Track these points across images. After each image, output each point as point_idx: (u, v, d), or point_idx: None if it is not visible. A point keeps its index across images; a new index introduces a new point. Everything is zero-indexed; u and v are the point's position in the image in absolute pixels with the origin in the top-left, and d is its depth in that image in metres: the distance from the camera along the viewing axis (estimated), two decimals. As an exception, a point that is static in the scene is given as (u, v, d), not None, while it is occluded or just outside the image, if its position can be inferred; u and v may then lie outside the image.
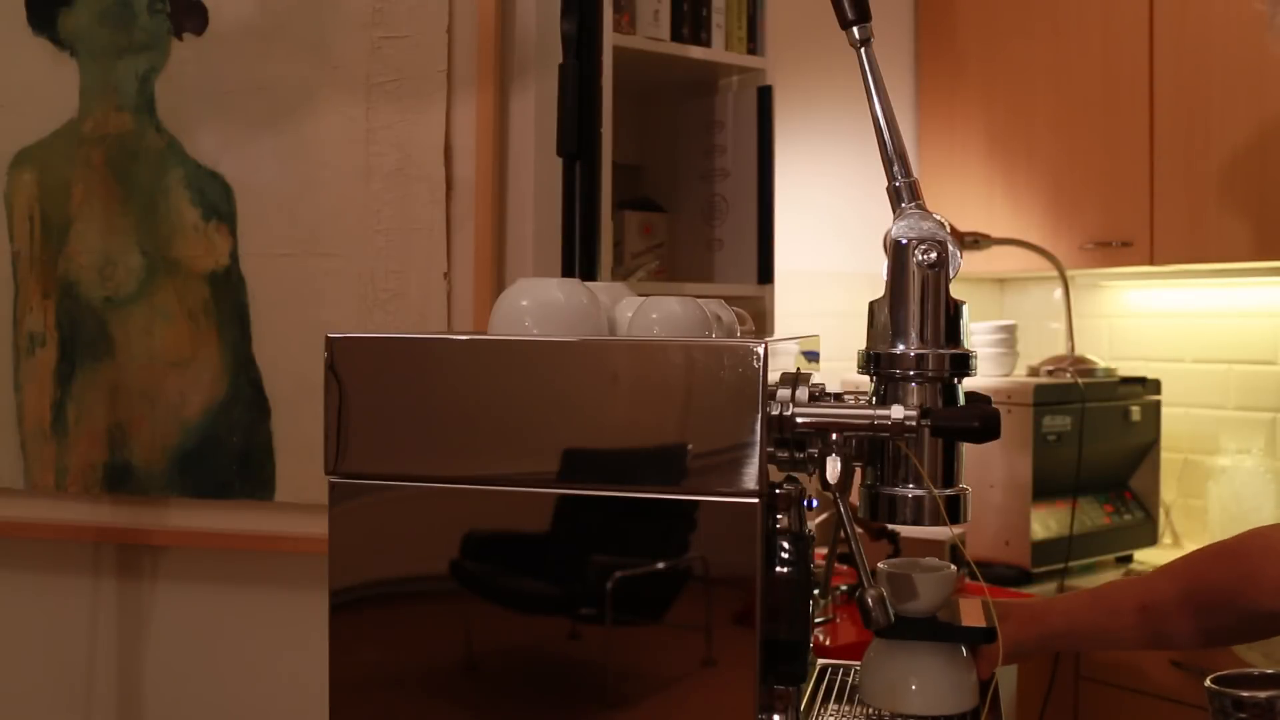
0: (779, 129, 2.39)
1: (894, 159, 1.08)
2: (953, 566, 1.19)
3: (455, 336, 1.07)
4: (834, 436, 1.01)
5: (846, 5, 1.10)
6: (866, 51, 1.10)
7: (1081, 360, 2.83)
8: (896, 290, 1.05)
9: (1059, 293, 2.94)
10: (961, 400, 1.07)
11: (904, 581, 1.16)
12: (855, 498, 1.08)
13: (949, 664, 1.16)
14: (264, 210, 1.85)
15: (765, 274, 2.35)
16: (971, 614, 1.20)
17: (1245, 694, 1.09)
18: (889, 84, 1.10)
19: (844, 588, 2.27)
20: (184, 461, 1.86)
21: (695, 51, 2.28)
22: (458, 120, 1.82)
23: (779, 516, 1.01)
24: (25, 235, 1.91)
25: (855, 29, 1.10)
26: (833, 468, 1.01)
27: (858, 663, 1.24)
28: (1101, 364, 2.84)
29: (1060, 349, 2.95)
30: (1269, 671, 1.12)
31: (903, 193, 1.07)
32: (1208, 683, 1.12)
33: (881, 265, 1.07)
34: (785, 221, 2.47)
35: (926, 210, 1.06)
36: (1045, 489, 2.58)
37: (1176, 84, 2.64)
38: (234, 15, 1.85)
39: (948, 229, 1.06)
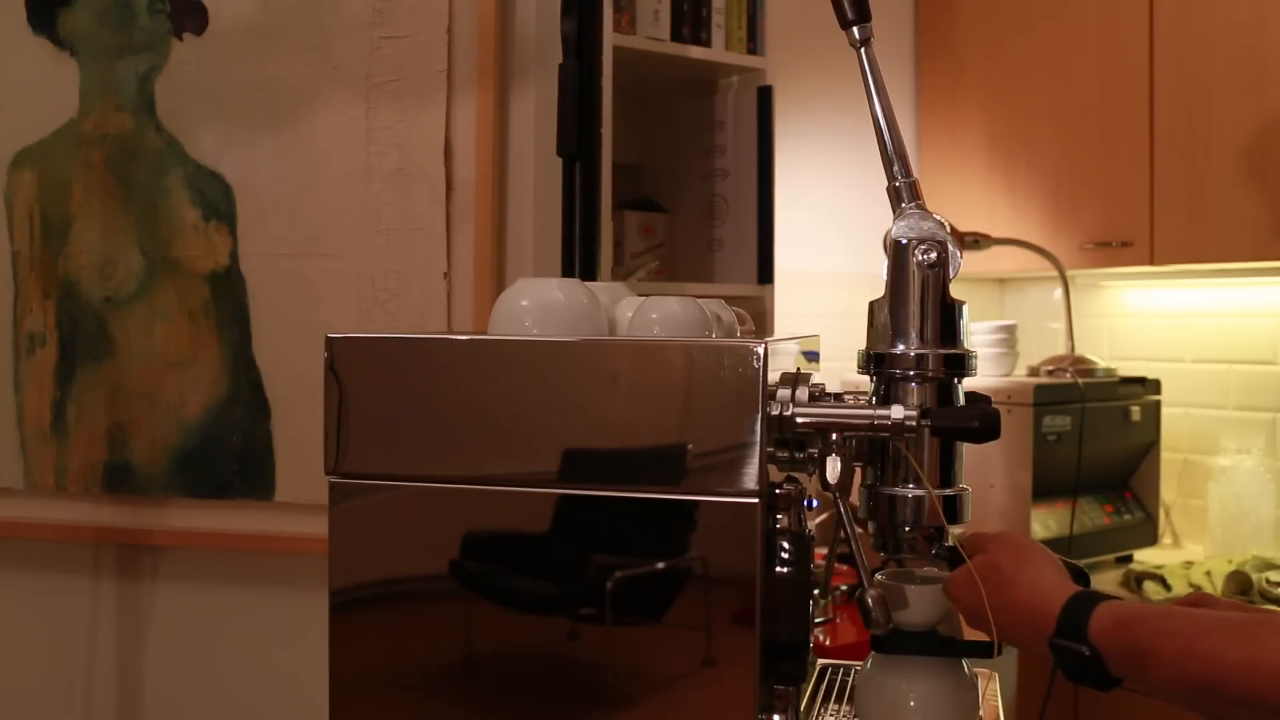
0: (779, 129, 2.39)
1: (894, 159, 1.08)
2: None
3: (455, 336, 1.07)
4: (834, 436, 1.01)
5: (846, 5, 1.10)
6: (866, 51, 1.10)
7: (1081, 360, 2.83)
8: (896, 290, 1.05)
9: (1059, 293, 2.94)
10: (961, 400, 1.07)
11: (901, 594, 1.09)
12: (855, 498, 1.08)
13: (950, 680, 1.09)
14: (264, 210, 1.85)
15: (765, 274, 2.35)
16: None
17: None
18: (889, 84, 1.10)
19: (844, 588, 2.27)
20: (184, 461, 1.86)
21: (695, 51, 2.28)
22: (458, 120, 1.82)
23: (779, 516, 1.01)
24: (25, 235, 1.91)
25: (855, 29, 1.10)
26: (833, 468, 1.01)
27: (858, 663, 1.22)
28: (1101, 364, 2.84)
29: (1060, 349, 2.94)
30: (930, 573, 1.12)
31: (903, 193, 1.07)
32: (878, 576, 1.11)
33: (881, 265, 1.07)
34: (785, 221, 2.47)
35: (926, 210, 1.06)
36: (1045, 489, 2.58)
37: (1176, 84, 2.64)
38: (234, 15, 1.85)
39: (948, 229, 1.06)
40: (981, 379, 2.62)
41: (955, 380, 1.05)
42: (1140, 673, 0.94)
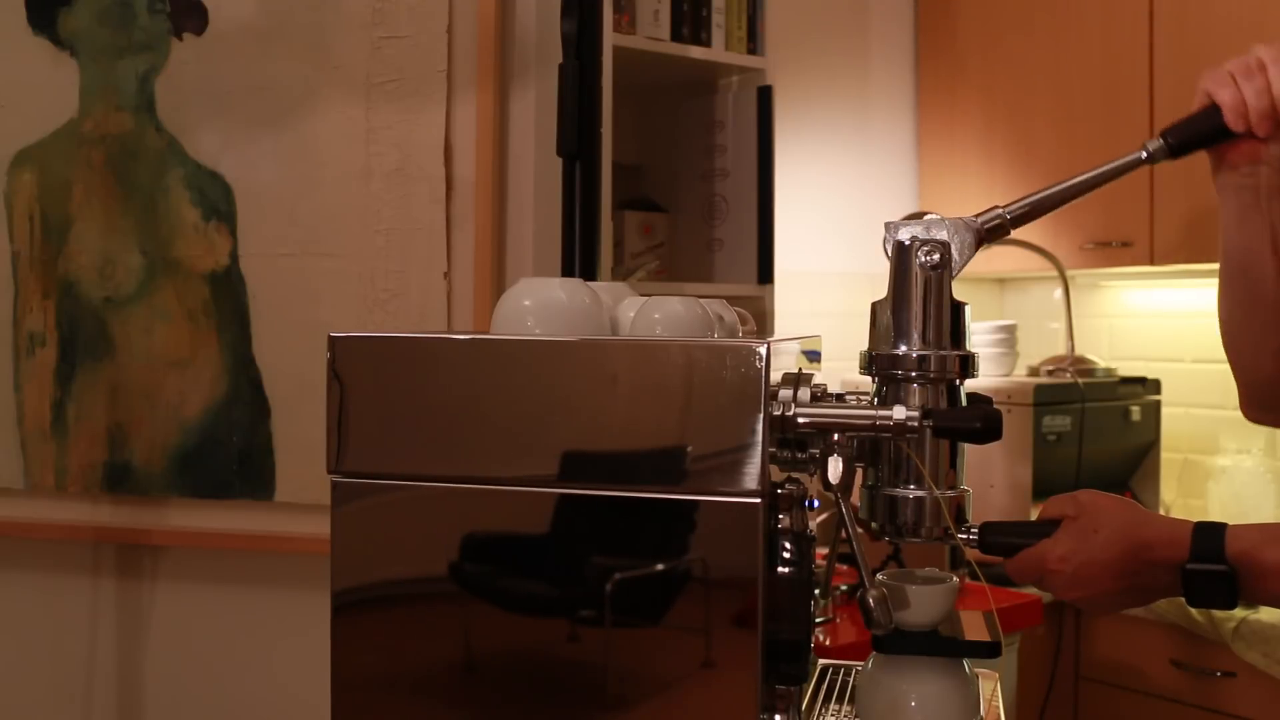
0: (779, 129, 2.39)
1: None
2: (954, 577, 1.15)
3: (456, 336, 1.06)
4: (836, 437, 1.01)
5: None
6: None
7: (1081, 360, 2.83)
8: (899, 291, 1.05)
9: (1059, 293, 2.94)
10: (963, 401, 1.07)
11: (902, 594, 1.10)
12: (856, 498, 1.08)
13: (951, 680, 1.10)
14: (264, 210, 1.85)
15: (765, 274, 2.35)
16: (974, 626, 1.17)
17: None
18: (889, 84, 1.10)
19: (844, 588, 2.27)
20: (184, 461, 1.86)
21: (695, 51, 2.28)
22: (458, 120, 1.82)
23: (781, 517, 1.01)
24: (25, 235, 1.91)
25: None
26: (834, 468, 1.01)
27: (858, 663, 1.23)
28: (1101, 364, 2.84)
29: (1060, 349, 2.95)
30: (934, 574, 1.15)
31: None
32: (879, 576, 1.13)
33: (882, 265, 1.07)
34: (785, 221, 2.47)
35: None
36: (1045, 489, 2.58)
37: (1176, 83, 2.64)
38: (234, 15, 1.85)
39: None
40: (982, 379, 2.60)
41: (957, 381, 1.05)
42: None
